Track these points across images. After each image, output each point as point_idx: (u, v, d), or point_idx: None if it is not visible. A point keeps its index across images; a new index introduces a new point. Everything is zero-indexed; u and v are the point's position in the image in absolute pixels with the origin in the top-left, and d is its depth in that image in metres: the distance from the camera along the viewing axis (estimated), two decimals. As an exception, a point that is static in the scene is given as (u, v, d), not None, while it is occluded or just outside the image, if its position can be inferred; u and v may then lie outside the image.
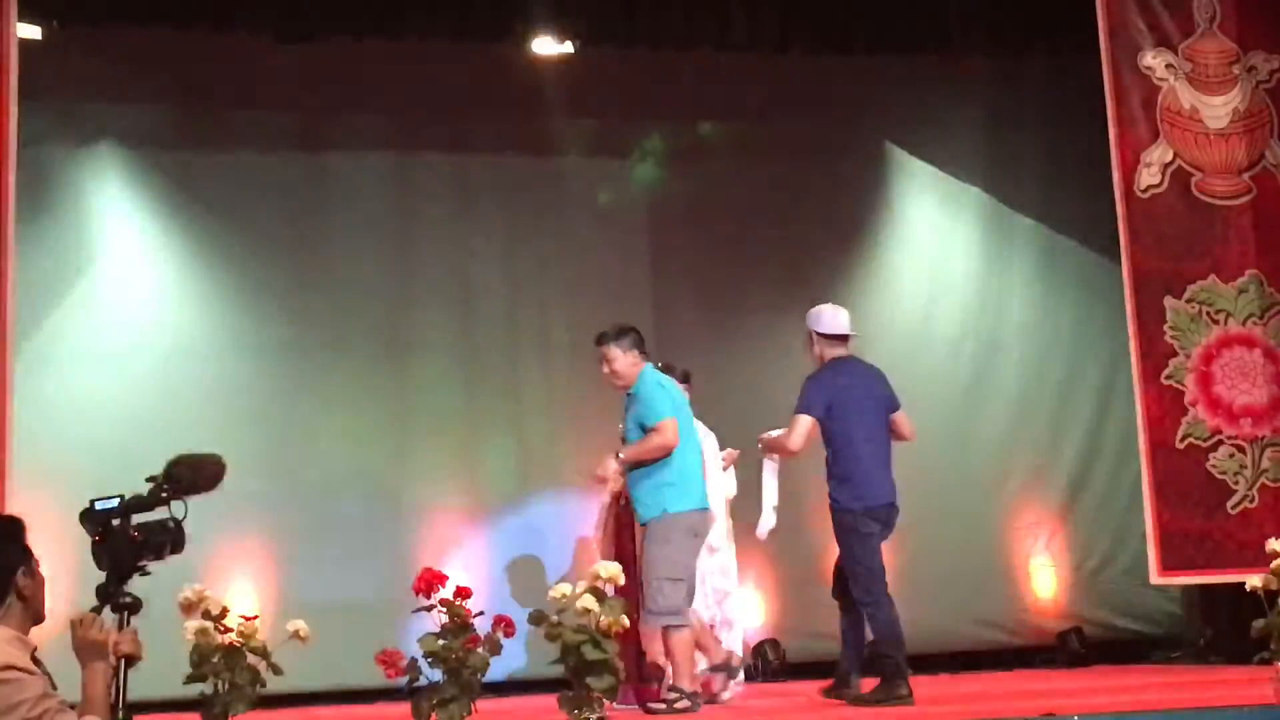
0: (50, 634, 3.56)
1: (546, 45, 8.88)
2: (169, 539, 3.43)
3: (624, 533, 7.18)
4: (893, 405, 6.61)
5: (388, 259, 9.09)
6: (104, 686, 3.39)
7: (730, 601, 7.42)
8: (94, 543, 3.39)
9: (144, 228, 8.74)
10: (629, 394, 6.58)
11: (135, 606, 3.42)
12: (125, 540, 3.37)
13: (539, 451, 9.09)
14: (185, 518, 3.41)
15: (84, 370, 8.40)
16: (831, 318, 6.60)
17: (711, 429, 7.41)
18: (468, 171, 9.30)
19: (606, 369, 6.58)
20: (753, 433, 7.47)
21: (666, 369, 7.23)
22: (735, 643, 7.36)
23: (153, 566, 3.46)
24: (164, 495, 3.41)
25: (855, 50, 9.07)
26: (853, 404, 6.47)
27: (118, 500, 3.38)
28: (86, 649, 3.40)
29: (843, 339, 6.59)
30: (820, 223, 9.60)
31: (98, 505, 3.39)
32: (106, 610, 3.43)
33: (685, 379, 7.24)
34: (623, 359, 6.55)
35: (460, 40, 8.60)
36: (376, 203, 9.15)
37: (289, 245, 8.94)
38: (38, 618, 3.51)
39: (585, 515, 8.76)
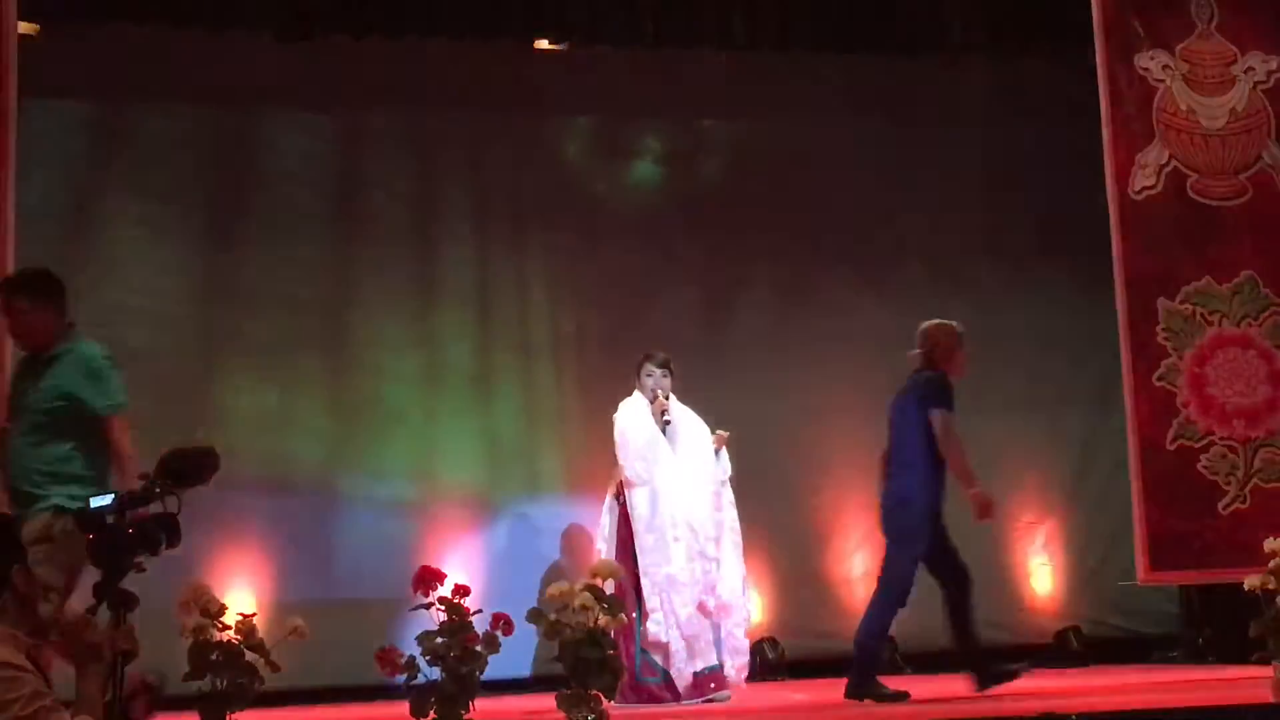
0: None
1: (546, 44, 8.88)
2: (164, 533, 3.42)
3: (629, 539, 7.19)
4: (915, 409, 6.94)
5: (384, 257, 9.09)
6: (98, 687, 3.41)
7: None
8: (89, 541, 3.38)
9: (143, 225, 8.74)
10: (49, 357, 5.52)
11: (132, 603, 3.42)
12: (120, 537, 3.36)
13: (538, 450, 9.10)
14: (179, 511, 3.41)
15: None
16: None
17: (712, 428, 7.40)
18: (467, 170, 9.30)
19: (13, 321, 5.60)
20: (751, 430, 7.47)
21: (647, 357, 7.32)
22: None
23: (150, 563, 3.46)
24: (157, 490, 3.41)
25: (854, 50, 9.07)
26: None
27: (112, 497, 3.38)
28: (81, 651, 3.41)
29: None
30: (818, 222, 9.60)
31: (93, 503, 3.39)
32: (102, 608, 3.44)
33: (665, 365, 7.30)
34: (35, 312, 5.55)
35: (460, 39, 8.60)
36: (373, 201, 9.15)
37: (287, 243, 8.95)
38: (33, 616, 3.52)
39: (584, 514, 8.79)
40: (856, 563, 9.41)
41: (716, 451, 7.36)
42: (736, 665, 7.23)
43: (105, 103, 8.79)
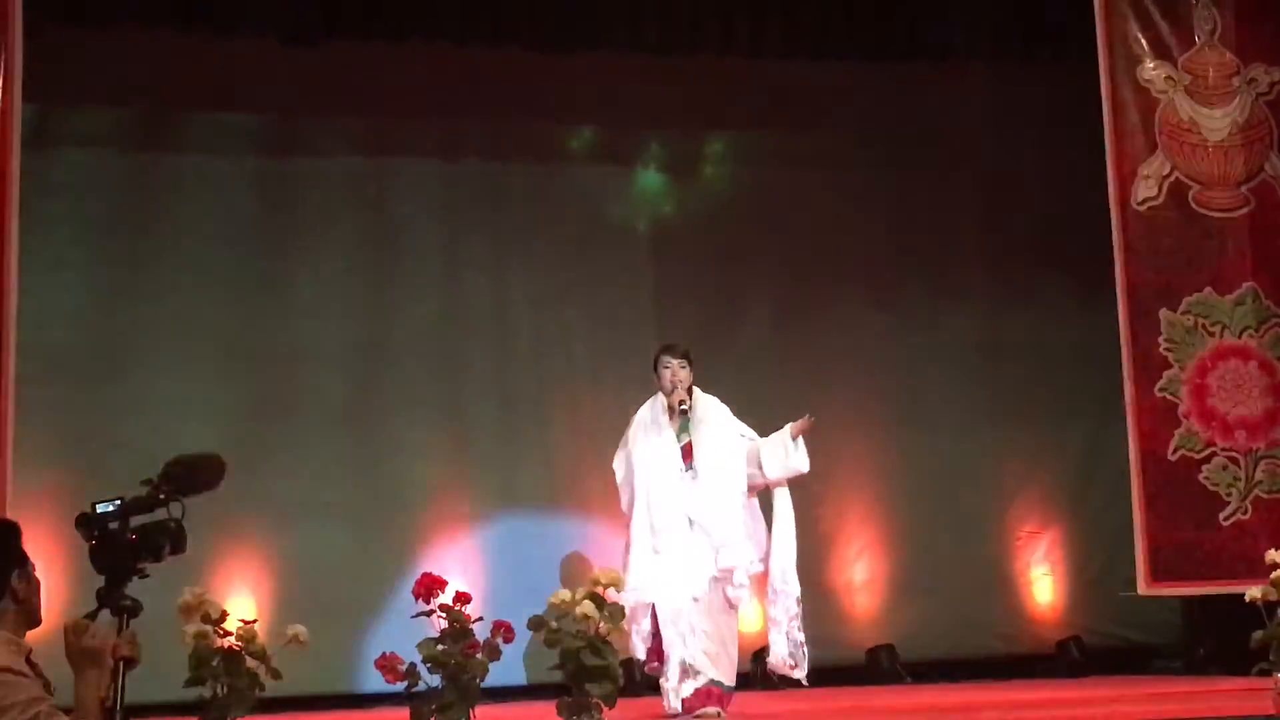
0: (44, 638, 3.56)
1: (549, 51, 8.88)
2: (168, 540, 3.39)
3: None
4: None
5: (387, 263, 9.10)
6: (97, 693, 3.38)
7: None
8: (91, 546, 3.37)
9: (146, 230, 8.75)
10: None
11: (134, 609, 3.40)
12: (122, 543, 3.35)
13: (538, 459, 9.09)
14: (183, 518, 3.39)
15: (83, 372, 8.42)
16: None
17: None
18: (468, 177, 9.31)
19: None
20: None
21: (664, 348, 7.04)
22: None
23: (153, 569, 3.45)
24: (162, 496, 3.38)
25: (857, 58, 9.08)
26: None
27: (117, 503, 3.36)
28: (80, 655, 3.39)
29: None
30: (819, 231, 9.61)
31: (98, 508, 3.37)
32: (105, 614, 3.43)
33: (684, 355, 7.01)
34: None
35: (462, 45, 8.62)
36: (376, 207, 9.16)
37: (289, 249, 8.95)
38: (33, 621, 3.51)
39: (584, 520, 8.80)
40: (858, 572, 9.41)
41: (795, 439, 7.00)
42: (790, 656, 6.95)
43: (109, 106, 8.79)
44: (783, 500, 7.10)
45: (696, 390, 7.05)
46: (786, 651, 6.93)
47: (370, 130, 9.23)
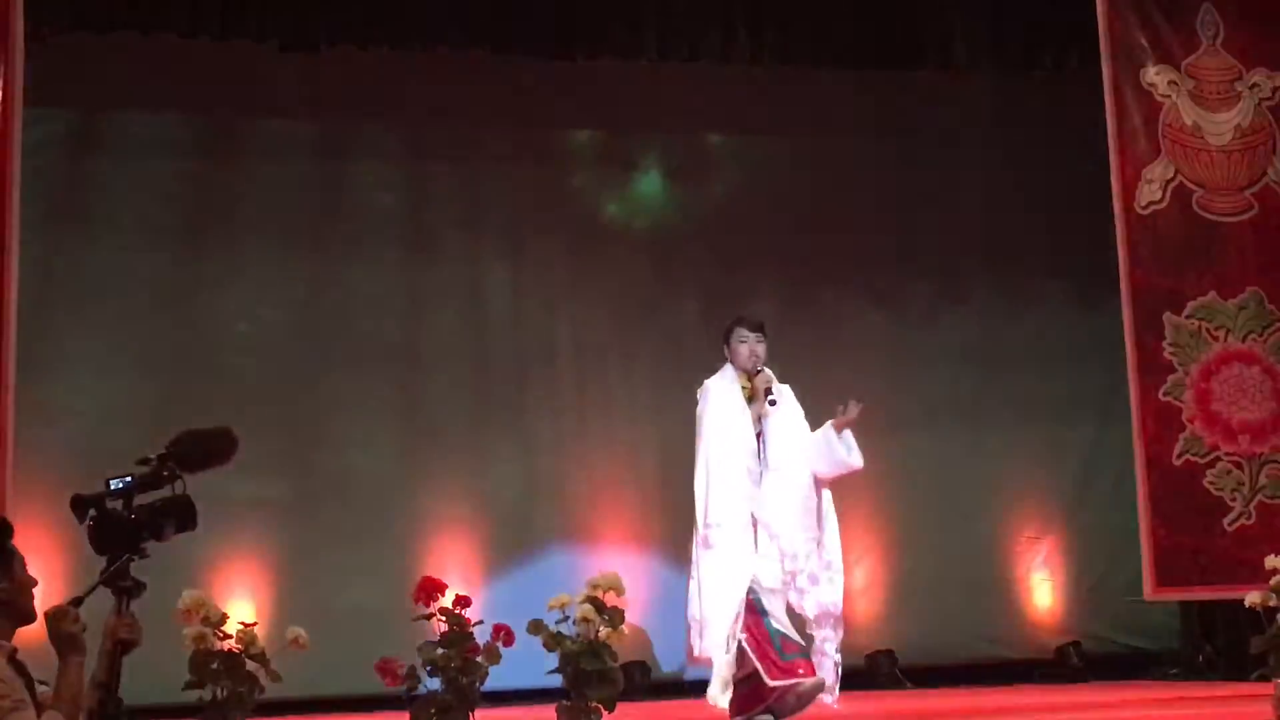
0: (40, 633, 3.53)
1: (550, 56, 8.88)
2: (173, 518, 3.27)
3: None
4: None
5: (393, 267, 9.10)
6: (76, 680, 3.32)
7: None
8: (87, 528, 3.25)
9: (148, 233, 8.74)
10: None
11: (134, 590, 3.28)
12: (121, 522, 3.23)
13: (543, 461, 9.08)
14: (183, 494, 3.26)
15: (87, 373, 8.41)
16: None
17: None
18: (472, 182, 9.30)
19: None
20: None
21: (739, 320, 6.39)
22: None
23: (153, 568, 3.38)
24: (165, 474, 3.25)
25: (858, 64, 9.08)
26: None
27: (128, 479, 3.22)
28: (61, 641, 3.33)
29: None
30: (821, 235, 9.60)
31: (111, 484, 3.23)
32: (105, 596, 3.34)
33: (760, 329, 6.33)
34: None
35: (465, 50, 8.61)
36: (376, 210, 9.16)
37: (294, 252, 8.94)
38: (24, 619, 3.44)
39: (583, 524, 8.79)
40: (857, 576, 9.38)
41: (840, 432, 6.30)
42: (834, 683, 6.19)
43: (110, 111, 8.78)
44: (827, 502, 6.40)
45: (768, 371, 6.33)
46: (833, 678, 6.16)
47: (376, 135, 9.23)
